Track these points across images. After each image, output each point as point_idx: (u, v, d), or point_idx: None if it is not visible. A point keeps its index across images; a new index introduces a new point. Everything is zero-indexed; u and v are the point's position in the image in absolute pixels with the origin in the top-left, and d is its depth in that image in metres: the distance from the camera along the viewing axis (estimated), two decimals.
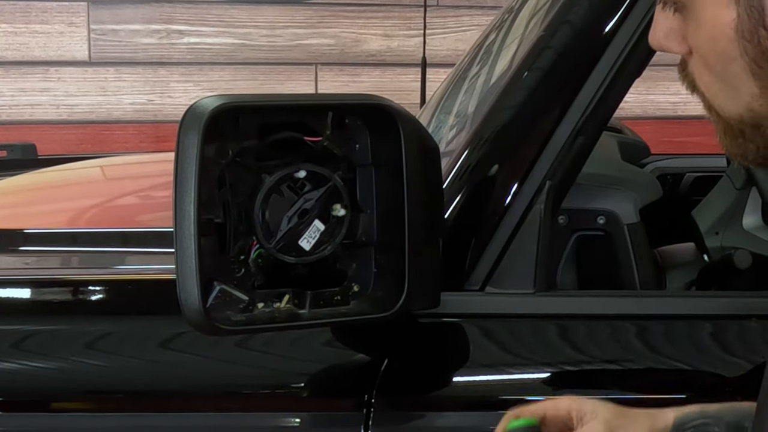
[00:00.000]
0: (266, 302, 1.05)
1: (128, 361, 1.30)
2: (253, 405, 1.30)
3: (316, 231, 1.04)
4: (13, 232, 1.66)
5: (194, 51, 3.56)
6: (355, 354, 1.31)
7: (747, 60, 0.79)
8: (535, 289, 1.31)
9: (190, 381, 1.30)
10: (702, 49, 0.82)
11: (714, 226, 1.66)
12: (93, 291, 1.40)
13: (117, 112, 3.56)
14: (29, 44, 3.50)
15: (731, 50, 0.80)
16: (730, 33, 0.79)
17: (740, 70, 0.80)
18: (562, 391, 1.29)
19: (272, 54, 3.58)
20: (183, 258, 0.99)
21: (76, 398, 1.31)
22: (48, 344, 1.32)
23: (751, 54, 0.79)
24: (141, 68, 3.55)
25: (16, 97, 3.52)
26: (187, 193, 0.98)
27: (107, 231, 1.67)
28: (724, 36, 0.80)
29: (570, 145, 1.29)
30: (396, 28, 3.59)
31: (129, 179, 2.18)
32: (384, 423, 1.25)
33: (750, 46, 0.79)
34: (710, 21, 0.80)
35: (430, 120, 1.62)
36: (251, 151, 1.03)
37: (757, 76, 0.80)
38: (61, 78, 3.53)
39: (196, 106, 1.00)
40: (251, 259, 1.04)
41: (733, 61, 0.80)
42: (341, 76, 3.56)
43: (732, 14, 0.79)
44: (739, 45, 0.79)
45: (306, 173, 1.04)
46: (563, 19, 1.29)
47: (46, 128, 3.49)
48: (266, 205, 1.03)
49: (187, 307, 1.00)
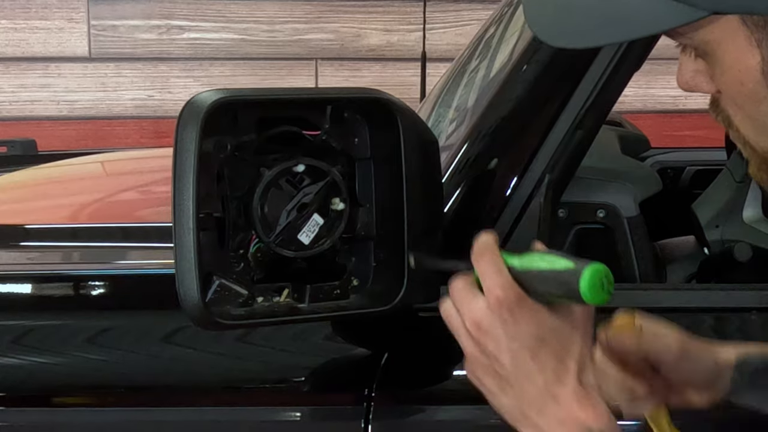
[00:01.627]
0: (266, 296, 1.05)
1: (129, 355, 1.30)
2: (254, 399, 1.30)
3: (315, 225, 1.04)
4: (14, 228, 1.66)
5: (194, 46, 3.56)
6: (355, 348, 1.31)
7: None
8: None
9: (191, 375, 1.30)
10: (730, 91, 0.81)
11: (714, 219, 1.66)
12: (94, 286, 1.40)
13: (117, 108, 3.56)
14: (29, 40, 3.50)
15: (759, 91, 0.79)
16: (756, 75, 0.79)
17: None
18: None
19: (272, 49, 3.58)
20: (182, 252, 0.99)
21: (78, 393, 1.31)
22: (49, 339, 1.32)
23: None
24: (141, 64, 3.55)
25: (17, 93, 3.52)
26: (185, 187, 0.98)
27: (108, 226, 1.67)
28: (751, 79, 0.79)
29: (570, 139, 1.29)
30: (396, 22, 3.59)
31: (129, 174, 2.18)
32: (384, 417, 1.25)
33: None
34: (735, 65, 0.79)
35: (430, 114, 1.62)
36: (250, 146, 1.03)
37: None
38: (61, 74, 3.53)
39: (195, 100, 1.00)
40: (250, 253, 1.04)
41: (763, 100, 0.80)
42: (341, 71, 3.56)
43: (756, 57, 0.78)
44: (767, 86, 0.79)
45: (305, 167, 1.04)
46: None
47: (47, 124, 3.49)
48: (265, 199, 1.02)
49: (187, 301, 1.00)
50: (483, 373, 0.86)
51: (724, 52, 0.79)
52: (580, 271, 0.82)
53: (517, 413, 0.85)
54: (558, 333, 0.84)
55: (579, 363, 0.84)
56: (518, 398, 0.85)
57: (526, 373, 0.84)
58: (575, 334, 0.85)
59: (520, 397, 0.85)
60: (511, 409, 0.86)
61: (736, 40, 0.78)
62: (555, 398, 0.83)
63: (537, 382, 0.84)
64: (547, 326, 0.84)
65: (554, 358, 0.84)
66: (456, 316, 0.87)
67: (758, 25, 0.77)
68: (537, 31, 0.83)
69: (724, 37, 0.78)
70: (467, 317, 0.86)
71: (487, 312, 0.85)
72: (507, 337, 0.84)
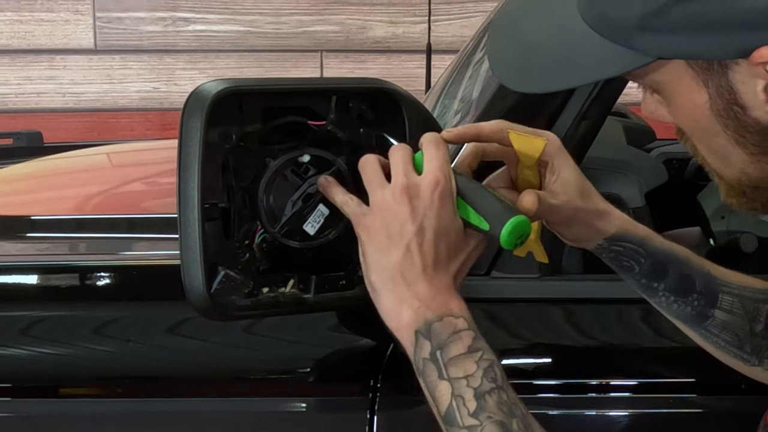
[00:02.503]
0: (271, 287, 1.05)
1: (135, 346, 1.30)
2: (260, 390, 1.30)
3: (320, 215, 1.04)
4: (20, 219, 1.66)
5: (200, 38, 3.56)
6: (360, 339, 1.31)
7: (729, 134, 0.83)
8: (540, 274, 1.31)
9: (197, 366, 1.30)
10: (685, 126, 0.86)
11: (720, 210, 1.65)
12: (100, 277, 1.40)
13: (123, 100, 3.56)
14: (35, 32, 3.51)
15: (712, 127, 0.83)
16: (706, 113, 0.82)
17: (726, 142, 0.83)
18: (567, 375, 1.30)
19: (278, 41, 3.58)
20: (187, 243, 0.99)
21: (84, 384, 1.32)
22: (55, 330, 1.32)
23: (731, 128, 0.82)
24: (147, 56, 3.55)
25: (22, 86, 3.53)
26: (190, 177, 0.98)
27: (113, 217, 1.67)
28: (702, 116, 0.83)
29: (575, 129, 1.29)
30: (401, 14, 3.59)
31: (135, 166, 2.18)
32: (390, 407, 1.25)
33: (729, 122, 0.82)
34: (686, 103, 0.83)
35: (435, 105, 1.61)
36: (255, 136, 1.03)
37: (743, 145, 0.83)
38: (66, 66, 3.53)
39: (199, 90, 0.99)
40: (256, 243, 1.03)
41: (717, 135, 0.83)
42: (347, 63, 3.56)
43: (704, 96, 0.82)
44: (718, 122, 0.82)
45: (310, 157, 1.03)
46: None
47: (53, 116, 3.49)
48: (270, 189, 1.02)
49: (192, 291, 1.00)
50: (379, 228, 0.93)
51: (673, 93, 0.83)
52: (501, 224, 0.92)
53: (387, 276, 0.92)
54: (458, 239, 0.93)
55: (460, 269, 0.94)
56: (397, 265, 0.92)
57: (419, 246, 0.91)
58: (467, 250, 0.94)
59: (399, 265, 0.91)
60: (384, 270, 0.92)
61: (683, 81, 0.82)
62: (430, 280, 0.91)
63: (425, 260, 0.91)
64: (455, 228, 0.93)
65: (446, 252, 0.92)
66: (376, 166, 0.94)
67: (702, 68, 0.80)
68: (503, 79, 0.91)
69: (672, 78, 0.82)
70: (400, 179, 0.92)
71: (421, 186, 0.92)
72: (422, 214, 0.92)
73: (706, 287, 1.05)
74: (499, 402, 0.87)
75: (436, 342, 0.90)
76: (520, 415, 0.88)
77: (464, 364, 0.88)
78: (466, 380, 0.88)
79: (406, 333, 0.91)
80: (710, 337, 1.06)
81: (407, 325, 0.91)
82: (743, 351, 1.06)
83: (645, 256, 1.03)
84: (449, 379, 0.88)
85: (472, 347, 0.89)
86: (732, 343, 1.06)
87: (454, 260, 0.93)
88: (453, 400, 0.88)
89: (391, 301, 0.92)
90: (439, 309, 0.90)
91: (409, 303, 0.91)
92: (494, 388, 0.88)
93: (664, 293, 1.04)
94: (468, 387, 0.88)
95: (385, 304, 0.93)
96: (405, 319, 0.91)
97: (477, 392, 0.87)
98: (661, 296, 1.05)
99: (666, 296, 1.04)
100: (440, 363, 0.89)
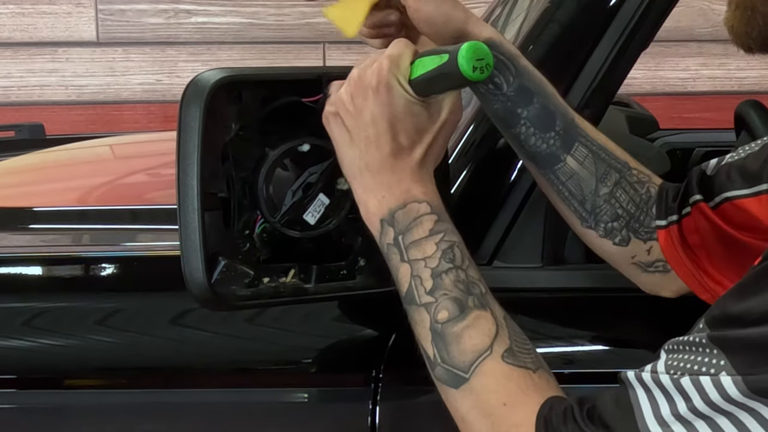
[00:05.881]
0: (272, 277, 1.05)
1: (138, 337, 1.30)
2: (262, 380, 1.30)
3: (321, 205, 1.04)
4: (23, 210, 1.66)
5: (202, 30, 3.56)
6: (362, 329, 1.31)
7: None
8: (542, 263, 1.31)
9: (199, 357, 1.30)
10: None
11: None
12: (103, 268, 1.40)
13: (125, 93, 3.56)
14: (37, 25, 3.51)
15: None
16: None
17: None
18: (569, 366, 1.30)
19: (280, 33, 3.57)
20: (187, 233, 0.99)
21: (88, 375, 1.32)
22: (58, 321, 1.32)
23: None
24: (149, 48, 3.55)
25: (25, 78, 3.53)
26: (190, 167, 0.98)
27: (116, 208, 1.67)
28: None
29: None
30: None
31: (138, 157, 2.18)
32: (392, 398, 1.25)
33: None
34: None
35: None
36: (254, 125, 1.03)
37: None
38: (69, 58, 3.53)
39: (198, 79, 0.99)
40: (256, 233, 1.03)
41: None
42: (349, 55, 3.55)
43: None
44: None
45: (310, 147, 1.03)
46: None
47: (55, 109, 3.50)
48: (270, 179, 1.02)
49: (192, 282, 1.00)
50: (340, 120, 0.96)
51: None
52: (457, 49, 0.92)
53: (355, 169, 0.96)
54: (418, 121, 0.95)
55: (425, 153, 0.96)
56: (361, 157, 0.95)
57: (376, 137, 0.94)
58: (433, 130, 0.96)
59: (362, 157, 0.95)
60: (351, 163, 0.96)
61: None
62: (392, 168, 0.94)
63: (383, 150, 0.94)
64: (413, 111, 0.94)
65: (406, 138, 0.94)
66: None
67: None
68: None
69: None
70: (354, 72, 0.96)
71: (377, 71, 0.95)
72: (378, 101, 0.94)
73: (565, 130, 1.07)
74: (456, 280, 0.90)
75: (398, 228, 0.93)
76: (478, 294, 0.91)
77: (424, 246, 0.92)
78: (425, 261, 0.92)
79: (372, 222, 0.95)
80: (556, 183, 1.09)
81: (373, 214, 0.95)
82: (583, 208, 1.09)
83: (514, 75, 1.05)
84: (409, 261, 0.92)
85: (433, 230, 0.92)
86: (575, 195, 1.09)
87: (419, 144, 0.95)
88: (412, 280, 0.92)
89: (360, 193, 0.96)
90: (402, 196, 0.94)
91: (374, 193, 0.94)
92: (452, 267, 0.91)
93: (525, 122, 1.06)
94: (426, 267, 0.91)
95: (357, 195, 0.97)
96: (371, 209, 0.95)
97: (434, 272, 0.91)
98: (521, 125, 1.06)
99: (526, 126, 1.07)
100: (402, 247, 0.93)
